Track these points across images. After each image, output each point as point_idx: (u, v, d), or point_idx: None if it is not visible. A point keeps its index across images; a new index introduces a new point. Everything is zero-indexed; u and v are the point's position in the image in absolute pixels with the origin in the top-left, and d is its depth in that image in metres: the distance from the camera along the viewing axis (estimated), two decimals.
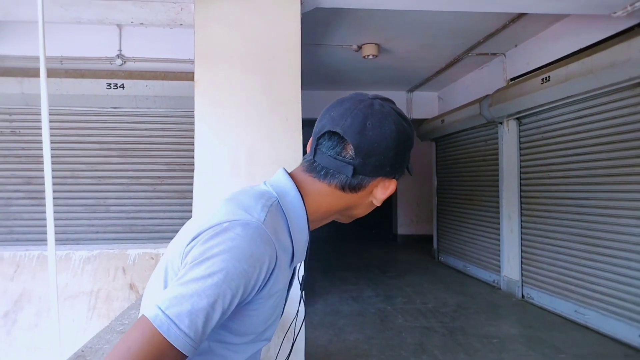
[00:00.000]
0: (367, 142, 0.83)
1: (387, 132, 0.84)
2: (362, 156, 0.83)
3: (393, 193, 0.91)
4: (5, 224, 4.94)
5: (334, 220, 0.99)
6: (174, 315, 0.66)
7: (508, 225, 5.92)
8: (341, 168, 0.84)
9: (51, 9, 2.62)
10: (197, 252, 0.72)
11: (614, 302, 4.23)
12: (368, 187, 0.88)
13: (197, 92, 2.93)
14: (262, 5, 3.03)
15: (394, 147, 0.85)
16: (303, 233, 0.85)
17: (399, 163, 0.89)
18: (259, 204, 0.78)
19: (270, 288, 0.78)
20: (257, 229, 0.74)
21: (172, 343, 0.65)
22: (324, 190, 0.87)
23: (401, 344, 4.14)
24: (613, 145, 4.24)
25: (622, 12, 3.42)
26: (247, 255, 0.71)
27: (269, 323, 0.86)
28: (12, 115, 5.01)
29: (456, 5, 3.59)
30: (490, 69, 6.48)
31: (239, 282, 0.70)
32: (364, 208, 0.93)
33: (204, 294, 0.67)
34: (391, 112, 0.87)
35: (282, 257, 0.79)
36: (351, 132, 0.83)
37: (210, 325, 0.69)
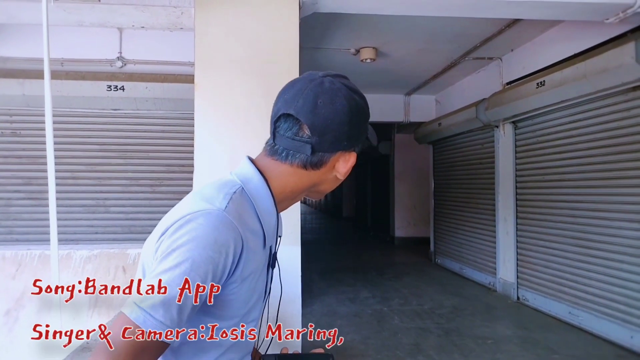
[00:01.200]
0: (321, 119, 0.86)
1: (339, 107, 0.87)
2: (318, 134, 0.86)
3: (353, 166, 0.94)
4: (6, 224, 4.98)
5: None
6: (148, 307, 0.70)
7: (504, 227, 5.98)
8: (300, 148, 0.87)
9: (54, 13, 2.68)
10: (165, 246, 0.76)
11: (606, 303, 4.28)
12: (329, 162, 0.91)
13: (197, 95, 2.98)
14: (261, 10, 3.09)
15: (347, 121, 0.87)
16: (271, 215, 0.89)
17: (356, 136, 0.92)
18: (221, 194, 0.82)
19: (242, 271, 0.81)
20: (219, 216, 0.77)
21: (150, 330, 0.69)
22: (287, 171, 0.90)
23: (397, 345, 4.18)
24: (606, 149, 4.31)
25: (615, 18, 3.48)
26: (211, 242, 0.75)
27: (251, 304, 0.89)
28: (12, 117, 5.06)
29: (452, 11, 3.66)
30: (486, 73, 6.55)
31: (207, 268, 0.73)
32: (329, 183, 0.96)
33: (174, 283, 0.71)
34: (342, 87, 0.89)
35: (250, 240, 0.82)
36: (304, 112, 0.85)
37: (185, 312, 0.73)
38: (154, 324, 0.70)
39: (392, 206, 10.97)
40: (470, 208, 7.09)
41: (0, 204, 5.01)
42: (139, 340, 0.69)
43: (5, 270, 2.69)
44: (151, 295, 0.71)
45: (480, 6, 3.52)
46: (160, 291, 0.71)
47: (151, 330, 0.69)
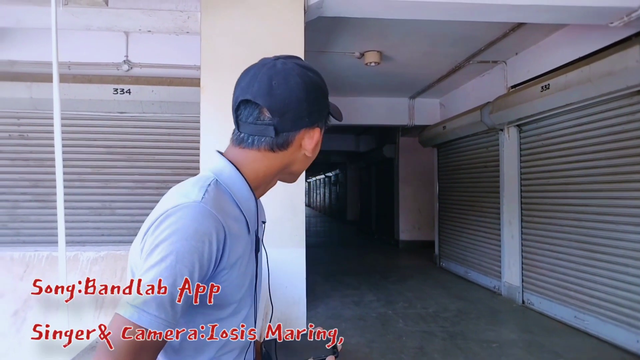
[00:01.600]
0: (278, 100, 0.87)
1: (294, 85, 0.88)
2: (278, 114, 0.88)
3: (320, 141, 0.95)
4: (13, 226, 5.02)
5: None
6: (140, 304, 0.72)
7: (509, 231, 5.97)
8: (263, 131, 0.89)
9: (62, 17, 2.71)
10: (148, 244, 0.78)
11: (612, 307, 4.27)
12: (295, 141, 0.92)
13: (203, 99, 3.01)
14: (266, 14, 3.12)
15: (305, 98, 0.89)
16: (249, 200, 0.91)
17: (317, 111, 0.93)
18: (196, 188, 0.84)
19: (228, 257, 0.83)
20: (196, 207, 0.79)
21: (147, 327, 0.71)
22: (256, 157, 0.92)
23: (402, 348, 4.18)
24: (611, 153, 4.30)
25: (619, 22, 3.49)
26: (192, 233, 0.76)
27: (244, 289, 0.90)
28: (20, 119, 5.11)
29: (456, 15, 3.68)
30: (491, 76, 6.55)
31: (192, 258, 0.75)
32: (300, 163, 0.96)
33: (162, 277, 0.73)
34: (294, 67, 0.90)
35: (232, 227, 0.84)
36: (261, 95, 0.87)
37: (178, 305, 0.74)
38: (149, 320, 0.71)
39: (396, 209, 10.96)
40: (475, 211, 7.08)
41: (7, 206, 5.06)
42: (137, 337, 0.71)
43: (13, 271, 2.72)
44: (140, 291, 0.73)
45: (484, 10, 3.54)
46: (150, 287, 0.72)
47: (146, 327, 0.71)
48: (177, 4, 3.07)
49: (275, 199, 3.27)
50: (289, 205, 3.02)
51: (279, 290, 2.95)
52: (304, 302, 3.13)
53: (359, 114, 8.53)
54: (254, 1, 3.09)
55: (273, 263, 3.06)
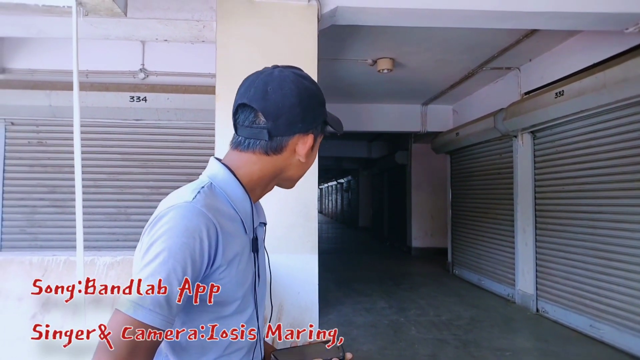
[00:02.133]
0: (272, 104, 0.91)
1: (288, 91, 0.92)
2: (272, 118, 0.91)
3: (312, 147, 0.97)
4: (31, 231, 5.13)
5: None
6: (136, 299, 0.76)
7: (523, 238, 5.92)
8: (258, 134, 0.93)
9: (82, 27, 2.78)
10: (144, 244, 0.83)
11: (629, 316, 4.20)
12: (288, 146, 0.95)
13: (218, 106, 3.06)
14: (281, 23, 3.16)
15: (298, 104, 0.92)
16: (245, 201, 0.94)
17: (311, 118, 0.95)
18: (189, 191, 0.88)
19: (224, 254, 0.86)
20: (187, 207, 0.83)
21: (142, 321, 0.75)
22: (251, 159, 0.95)
23: (414, 356, 4.16)
24: (627, 160, 4.26)
25: (634, 28, 3.47)
26: (183, 230, 0.80)
27: (246, 287, 0.93)
28: (39, 127, 5.23)
29: (469, 22, 3.69)
30: (505, 82, 6.53)
31: (184, 254, 0.79)
32: (294, 169, 0.99)
33: (156, 272, 0.77)
34: (290, 74, 0.94)
35: (226, 225, 0.87)
36: (256, 100, 0.91)
37: (173, 299, 0.78)
38: (145, 314, 0.75)
39: (409, 216, 10.92)
40: (488, 218, 7.03)
41: (25, 211, 5.16)
42: (133, 330, 0.74)
43: (32, 275, 2.78)
44: (138, 289, 0.77)
45: (497, 17, 3.54)
46: (145, 283, 0.77)
47: (142, 320, 0.75)
48: (193, 14, 3.13)
49: (288, 206, 3.30)
50: (301, 211, 3.04)
51: (292, 296, 2.97)
52: (317, 308, 3.14)
53: (371, 121, 8.55)
54: (268, 11, 3.14)
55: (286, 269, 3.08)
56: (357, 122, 8.47)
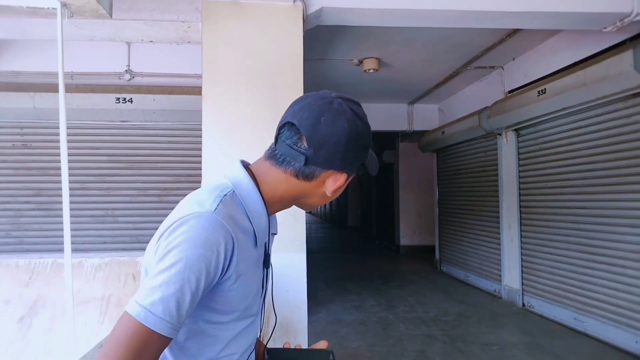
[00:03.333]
0: (319, 135, 0.91)
1: (339, 128, 0.91)
2: (314, 148, 0.91)
3: (343, 187, 0.98)
4: (16, 235, 5.07)
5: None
6: (148, 304, 0.76)
7: (508, 234, 6.01)
8: (295, 157, 0.93)
9: (67, 29, 2.77)
10: (161, 248, 0.83)
11: (612, 309, 4.30)
12: (320, 177, 0.95)
13: (205, 107, 3.07)
14: (266, 24, 3.18)
15: (345, 143, 0.92)
16: (262, 216, 0.94)
17: (350, 159, 0.95)
18: (212, 197, 0.88)
19: (236, 267, 0.87)
20: (209, 218, 0.83)
21: (151, 328, 0.76)
22: (280, 177, 0.96)
23: (403, 352, 4.21)
24: (608, 155, 4.35)
25: (612, 27, 3.55)
26: (202, 241, 0.80)
27: (249, 299, 0.95)
28: (23, 129, 5.17)
29: (453, 22, 3.74)
30: (489, 81, 6.62)
31: (200, 265, 0.79)
32: (318, 198, 1.00)
33: (171, 281, 0.77)
34: (348, 110, 0.94)
35: (241, 239, 0.88)
36: (306, 125, 0.91)
37: (184, 308, 0.78)
38: (154, 320, 0.76)
39: (397, 215, 11.00)
40: (474, 216, 7.12)
41: (10, 214, 5.10)
42: (142, 336, 0.75)
43: (19, 278, 2.77)
44: (151, 294, 0.77)
45: (480, 17, 3.60)
46: (159, 290, 0.77)
47: (151, 327, 0.76)
48: (178, 15, 3.14)
49: None
50: (290, 211, 3.07)
51: (281, 295, 2.99)
52: (305, 306, 3.16)
53: None
54: (253, 11, 3.15)
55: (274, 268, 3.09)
56: None
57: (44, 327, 2.68)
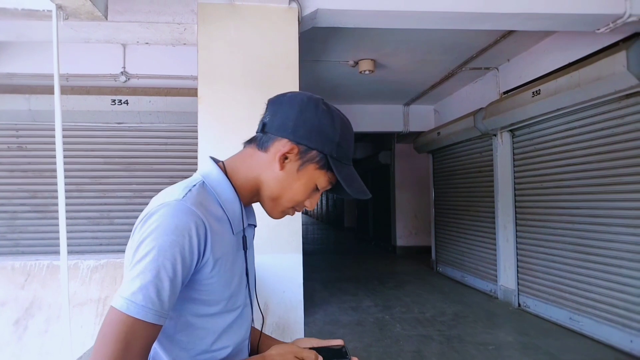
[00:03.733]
0: (277, 102, 0.98)
1: (298, 97, 0.97)
2: (271, 113, 0.97)
3: (298, 169, 0.96)
4: (12, 237, 5.06)
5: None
6: (129, 295, 0.78)
7: (504, 235, 6.03)
8: (259, 126, 0.99)
9: (62, 31, 2.78)
10: (135, 241, 0.85)
11: (607, 308, 4.33)
12: (273, 146, 0.96)
13: (200, 108, 3.07)
14: (261, 26, 3.19)
15: (297, 109, 0.95)
16: (234, 203, 0.96)
17: (302, 133, 0.94)
18: (180, 189, 0.91)
19: (212, 251, 0.88)
20: (177, 205, 0.85)
21: (135, 317, 0.77)
22: (248, 152, 1.00)
23: (399, 352, 4.22)
24: (602, 156, 4.38)
25: (605, 28, 3.59)
26: (172, 228, 0.82)
27: (233, 287, 0.95)
28: (19, 131, 5.16)
29: (447, 23, 3.76)
30: (484, 82, 6.65)
31: (174, 251, 0.81)
32: (273, 180, 0.98)
33: (147, 270, 0.79)
34: (318, 99, 0.98)
35: (214, 225, 0.89)
36: (272, 100, 0.99)
37: (164, 294, 0.80)
38: (137, 309, 0.77)
39: (393, 216, 11.02)
40: (470, 216, 7.15)
41: (6, 217, 5.09)
42: (127, 325, 0.77)
43: (14, 280, 2.76)
44: (130, 285, 0.79)
45: (474, 18, 3.63)
46: (137, 279, 0.79)
47: (134, 315, 0.77)
48: (174, 17, 3.15)
49: None
50: None
51: (277, 295, 3.00)
52: (302, 306, 3.17)
53: (354, 121, 8.48)
54: (249, 13, 3.17)
55: (270, 268, 3.10)
56: None
57: (40, 329, 2.67)
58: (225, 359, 0.96)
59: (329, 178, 0.99)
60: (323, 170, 0.98)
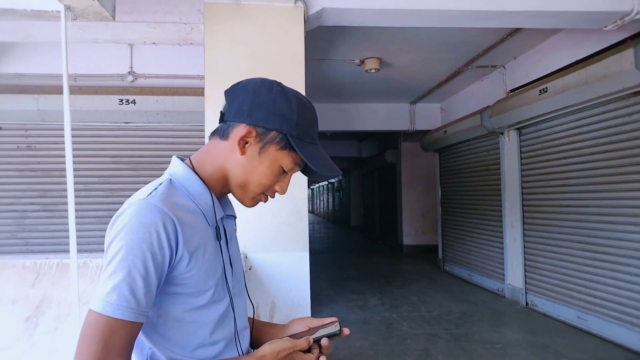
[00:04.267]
0: (232, 90, 0.99)
1: (251, 82, 0.98)
2: (228, 101, 0.98)
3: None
4: (22, 236, 5.12)
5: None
6: (103, 296, 0.79)
7: (511, 233, 6.01)
8: (219, 118, 1.00)
9: (71, 31, 2.81)
10: (106, 243, 0.87)
11: (615, 307, 4.30)
12: (232, 133, 0.97)
13: (207, 107, 3.09)
14: (268, 25, 3.21)
15: (252, 92, 0.96)
16: (204, 195, 0.97)
17: (259, 115, 0.95)
18: (146, 189, 0.92)
19: (185, 245, 0.88)
20: (141, 204, 0.86)
21: (111, 316, 0.79)
22: (212, 144, 1.01)
23: (406, 350, 4.23)
24: (610, 154, 4.36)
25: (613, 26, 3.56)
26: (138, 226, 0.83)
27: (217, 278, 0.96)
28: (28, 131, 5.22)
29: (453, 21, 3.76)
30: (490, 80, 6.63)
31: (142, 248, 0.82)
32: (237, 167, 0.98)
33: (118, 269, 0.80)
34: (272, 81, 1.00)
35: (186, 217, 0.90)
36: (228, 88, 1.00)
37: (139, 292, 0.81)
38: (112, 309, 0.79)
39: (399, 214, 11.01)
40: (477, 215, 7.13)
41: (16, 216, 5.15)
42: (105, 326, 0.78)
43: (25, 278, 2.80)
44: (104, 286, 0.80)
45: (480, 16, 3.62)
46: (109, 280, 0.80)
47: (110, 315, 0.79)
48: (180, 17, 3.17)
49: (279, 205, 3.34)
50: (292, 210, 3.09)
51: (284, 294, 3.02)
52: (309, 304, 3.19)
53: (360, 120, 8.62)
54: (255, 13, 3.18)
55: (278, 267, 3.12)
56: (346, 122, 8.54)
57: (50, 326, 2.71)
58: (221, 353, 0.97)
59: (294, 158, 0.98)
60: (285, 151, 0.97)
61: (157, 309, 0.90)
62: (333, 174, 1.02)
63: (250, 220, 2.86)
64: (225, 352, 0.98)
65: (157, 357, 0.92)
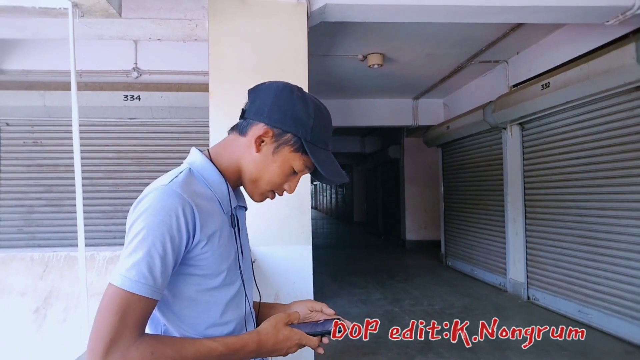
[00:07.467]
0: (256, 90, 1.04)
1: (274, 85, 1.03)
2: (250, 100, 1.04)
3: (274, 152, 1.01)
4: (28, 230, 5.18)
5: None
6: (123, 271, 0.85)
7: (513, 228, 6.04)
8: (240, 114, 1.06)
9: (77, 28, 2.84)
10: (128, 224, 0.92)
11: (615, 301, 4.33)
12: (251, 130, 1.02)
13: (212, 103, 3.13)
14: (271, 21, 3.23)
15: (273, 95, 1.01)
16: (221, 184, 1.03)
17: (277, 117, 1.00)
18: (167, 176, 0.98)
19: (202, 229, 0.94)
20: (163, 189, 0.92)
21: (129, 291, 0.84)
22: (231, 138, 1.07)
23: (408, 343, 4.27)
24: (612, 149, 4.38)
25: (614, 20, 3.57)
26: (159, 209, 0.89)
27: (230, 261, 1.02)
28: (34, 127, 5.27)
29: (456, 16, 3.77)
30: (493, 75, 6.63)
31: (162, 230, 0.87)
32: (251, 162, 1.04)
33: (138, 248, 0.86)
34: (294, 86, 1.04)
35: (203, 204, 0.96)
36: (252, 87, 1.05)
37: (156, 270, 0.86)
38: (131, 284, 0.84)
39: (402, 210, 11.04)
40: (479, 210, 7.15)
41: (22, 210, 5.21)
42: (122, 299, 0.84)
43: (33, 270, 2.85)
44: (125, 263, 0.86)
45: (483, 12, 3.63)
46: (130, 257, 0.86)
47: (128, 289, 0.84)
48: (185, 13, 3.20)
49: (282, 198, 3.37)
50: (295, 203, 3.13)
51: (287, 286, 3.06)
52: (312, 297, 3.22)
53: (363, 116, 8.64)
54: (259, 9, 3.21)
55: (281, 259, 3.15)
56: (349, 118, 8.56)
57: (59, 318, 2.76)
58: (231, 333, 1.02)
59: (305, 161, 1.04)
60: (298, 153, 1.03)
61: (172, 288, 0.95)
62: (340, 180, 1.07)
63: (254, 214, 2.90)
64: (235, 333, 1.03)
65: (170, 333, 0.98)
